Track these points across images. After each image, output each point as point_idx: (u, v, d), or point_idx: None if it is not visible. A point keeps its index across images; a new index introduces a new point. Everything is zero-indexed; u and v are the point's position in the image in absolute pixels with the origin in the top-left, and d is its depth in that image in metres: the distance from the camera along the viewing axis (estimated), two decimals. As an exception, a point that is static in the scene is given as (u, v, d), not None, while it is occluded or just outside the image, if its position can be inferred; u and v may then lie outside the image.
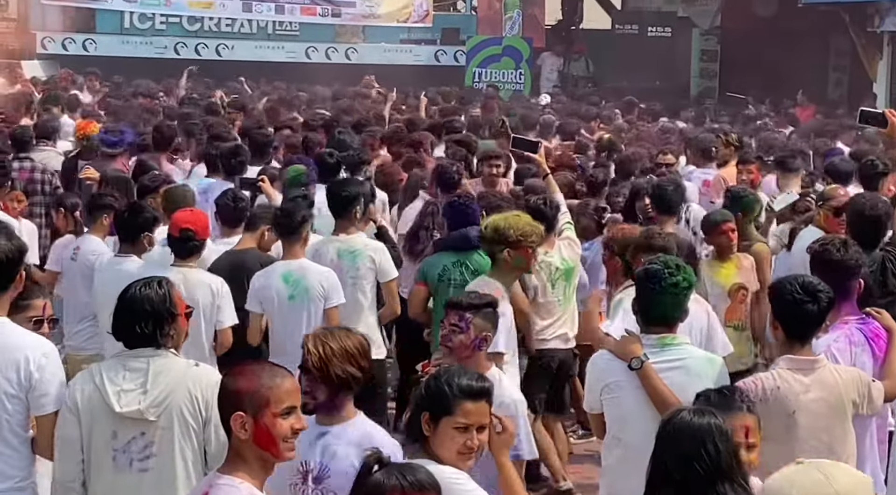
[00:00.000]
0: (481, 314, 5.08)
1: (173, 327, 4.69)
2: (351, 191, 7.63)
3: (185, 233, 6.68)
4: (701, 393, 4.37)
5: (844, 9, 20.92)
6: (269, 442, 3.68)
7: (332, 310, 7.02)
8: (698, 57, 26.03)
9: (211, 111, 13.96)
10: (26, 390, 4.64)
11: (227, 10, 23.70)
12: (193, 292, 6.53)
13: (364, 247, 7.47)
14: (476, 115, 15.71)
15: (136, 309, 4.64)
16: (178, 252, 6.74)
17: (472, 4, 26.04)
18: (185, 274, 6.60)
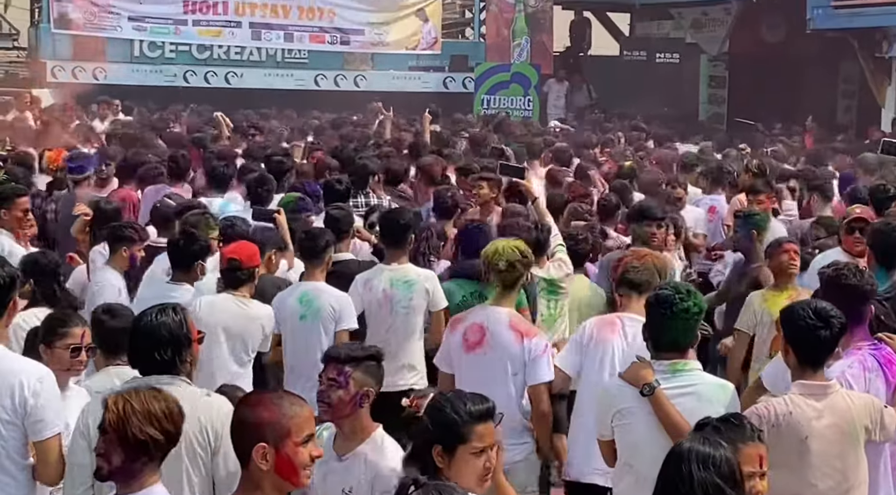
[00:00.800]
0: (362, 367, 4.62)
1: (190, 353, 4.70)
2: (406, 219, 7.56)
3: (232, 264, 6.79)
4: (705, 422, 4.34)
5: (853, 35, 20.93)
6: (291, 472, 3.66)
7: (343, 333, 7.04)
8: (707, 83, 26.08)
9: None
10: (22, 416, 4.63)
11: (236, 38, 23.79)
12: (245, 325, 6.77)
13: (417, 276, 7.38)
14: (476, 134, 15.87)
15: (155, 335, 4.63)
16: (227, 282, 6.85)
17: (480, 32, 26.10)
18: (238, 303, 6.77)
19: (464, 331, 6.24)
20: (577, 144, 15.71)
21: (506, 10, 25.57)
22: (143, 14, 22.98)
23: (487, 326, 6.14)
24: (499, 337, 6.13)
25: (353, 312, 7.09)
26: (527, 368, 6.07)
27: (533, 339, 6.13)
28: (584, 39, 27.71)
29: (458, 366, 6.25)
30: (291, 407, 3.71)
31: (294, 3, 24.10)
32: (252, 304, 6.87)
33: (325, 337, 7.03)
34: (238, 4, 23.63)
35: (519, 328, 6.17)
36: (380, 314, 7.27)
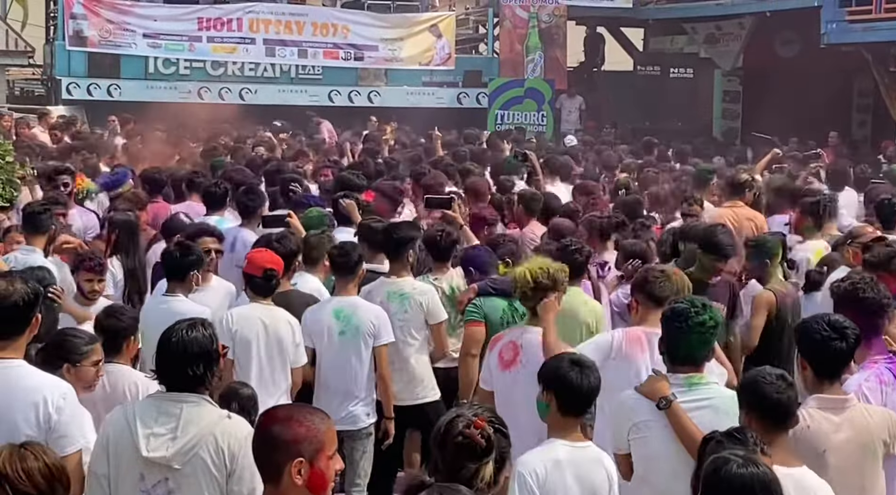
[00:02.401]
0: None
1: (217, 369, 4.74)
2: (405, 234, 7.68)
3: (268, 274, 6.92)
4: (710, 436, 4.33)
5: (867, 49, 20.90)
6: (322, 486, 3.69)
7: (382, 348, 7.16)
8: (720, 98, 26.09)
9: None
10: (45, 432, 4.62)
11: (250, 54, 23.85)
12: (279, 328, 6.84)
13: (412, 290, 7.49)
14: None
15: (188, 351, 4.62)
16: (259, 291, 6.94)
17: (494, 47, 26.13)
18: (269, 310, 6.89)
19: (500, 350, 6.30)
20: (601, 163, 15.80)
21: (519, 25, 25.60)
22: (157, 31, 23.08)
23: (521, 345, 6.17)
24: (531, 355, 6.12)
25: (390, 326, 7.16)
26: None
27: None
28: (597, 54, 27.74)
29: (495, 383, 6.28)
30: (323, 422, 3.73)
31: (308, 19, 24.19)
32: (280, 311, 6.99)
33: (364, 352, 7.14)
34: (252, 21, 23.71)
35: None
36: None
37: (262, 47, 23.87)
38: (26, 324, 4.80)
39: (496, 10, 25.88)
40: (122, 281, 8.38)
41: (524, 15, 25.58)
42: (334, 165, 13.31)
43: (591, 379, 4.91)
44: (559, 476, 4.78)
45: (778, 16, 22.54)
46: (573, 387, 4.88)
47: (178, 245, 7.48)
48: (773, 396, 4.57)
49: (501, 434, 3.97)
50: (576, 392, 4.88)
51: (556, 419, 4.91)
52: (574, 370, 4.92)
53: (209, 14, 23.63)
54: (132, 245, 8.56)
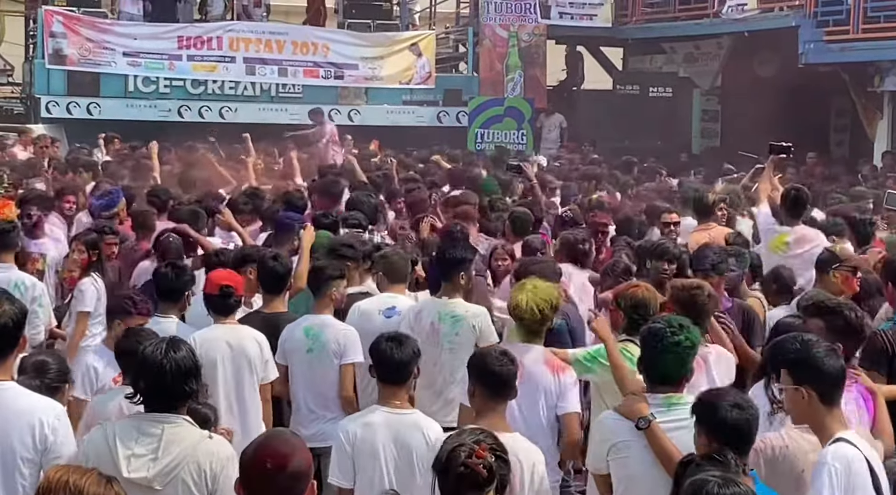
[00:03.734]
0: None
1: (199, 392, 4.83)
2: (458, 255, 7.63)
3: (225, 291, 6.91)
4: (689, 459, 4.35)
5: (845, 69, 21.03)
6: None
7: (348, 366, 7.14)
8: (699, 117, 26.23)
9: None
10: (41, 453, 4.65)
11: (230, 73, 23.81)
12: (244, 346, 6.86)
13: (465, 312, 7.42)
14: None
15: (182, 369, 4.66)
16: (219, 309, 6.94)
17: (474, 66, 26.18)
18: (233, 330, 6.90)
19: None
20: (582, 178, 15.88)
21: (499, 44, 25.67)
22: (137, 49, 23.00)
23: (523, 362, 6.18)
24: (533, 371, 6.26)
25: (359, 346, 7.08)
26: (559, 400, 6.24)
27: (565, 374, 6.31)
28: (577, 73, 27.81)
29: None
30: (305, 445, 4.00)
31: (288, 38, 24.17)
32: (244, 329, 7.02)
33: (331, 370, 7.14)
34: (232, 40, 23.68)
35: (552, 364, 6.37)
36: (427, 348, 7.04)
37: (243, 66, 23.84)
38: (14, 345, 4.81)
39: (476, 30, 25.94)
40: (102, 298, 8.39)
41: (504, 34, 25.65)
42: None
43: (403, 352, 5.59)
44: (371, 435, 5.48)
45: (756, 36, 22.66)
46: (386, 359, 5.57)
47: (172, 266, 7.49)
48: (495, 368, 5.24)
49: (502, 461, 4.05)
50: (388, 363, 5.57)
51: (380, 388, 5.65)
52: (388, 344, 5.61)
53: (189, 33, 23.59)
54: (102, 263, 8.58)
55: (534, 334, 6.45)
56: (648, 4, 26.02)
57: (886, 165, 19.08)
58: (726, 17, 22.87)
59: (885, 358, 6.51)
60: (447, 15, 29.47)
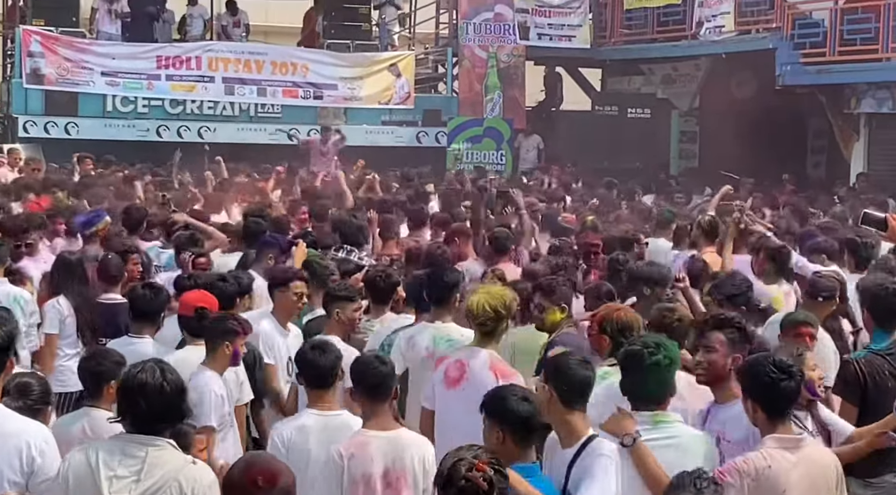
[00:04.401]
0: None
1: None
2: (451, 278, 7.58)
3: (200, 312, 6.89)
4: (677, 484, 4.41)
5: (821, 90, 21.17)
6: None
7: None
8: (678, 138, 26.34)
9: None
10: (28, 475, 4.67)
11: (209, 92, 23.78)
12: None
13: (460, 336, 7.28)
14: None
15: (173, 392, 4.66)
16: (194, 331, 6.90)
17: (453, 86, 26.23)
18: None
19: (445, 368, 6.43)
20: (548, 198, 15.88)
21: (478, 65, 25.74)
22: (116, 69, 22.95)
23: (468, 364, 6.29)
24: (478, 374, 6.30)
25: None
26: None
27: (509, 380, 6.21)
28: (556, 94, 27.89)
29: (439, 401, 6.44)
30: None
31: (267, 58, 24.16)
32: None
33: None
34: (211, 59, 23.66)
35: (497, 368, 6.40)
36: (423, 373, 7.02)
37: (222, 85, 23.81)
38: (2, 369, 4.80)
39: (455, 50, 26.01)
40: (69, 318, 8.36)
41: (483, 55, 25.73)
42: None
43: (327, 358, 5.94)
44: (303, 438, 5.81)
45: (733, 57, 22.79)
46: (312, 366, 5.93)
47: (148, 286, 7.47)
48: (368, 372, 5.67)
49: (501, 474, 4.22)
50: (314, 369, 5.93)
51: (309, 393, 6.01)
52: (313, 352, 5.98)
53: (168, 52, 23.56)
54: (74, 282, 8.52)
55: (488, 337, 6.54)
56: (627, 26, 26.13)
57: (861, 187, 19.19)
58: (704, 39, 22.98)
59: (857, 388, 6.52)
60: (426, 35, 29.54)
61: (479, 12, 25.67)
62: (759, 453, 4.99)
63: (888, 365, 6.55)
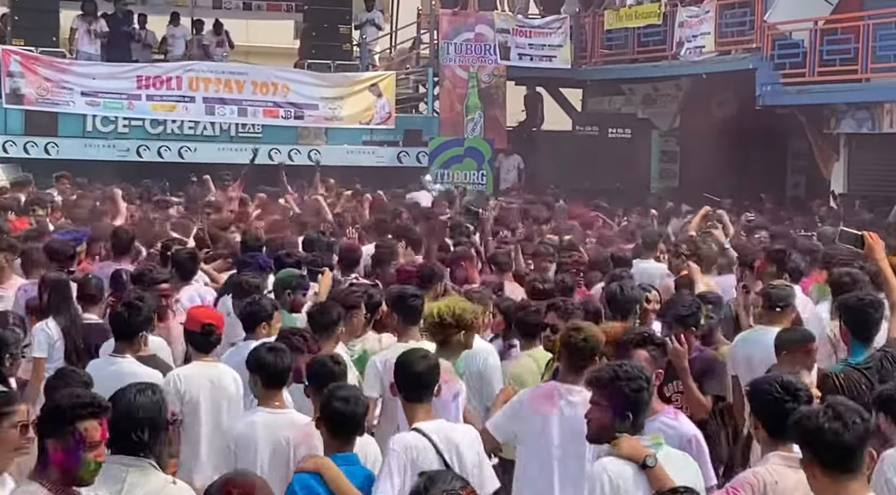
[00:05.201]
0: None
1: (165, 436, 4.87)
2: (417, 298, 7.64)
3: (207, 329, 7.01)
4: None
5: (801, 111, 21.28)
6: None
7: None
8: (658, 158, 26.41)
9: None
10: None
11: (190, 112, 23.75)
12: (224, 384, 6.95)
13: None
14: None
15: (133, 416, 4.68)
16: (200, 347, 7.04)
17: (434, 106, 26.25)
18: (214, 367, 7.01)
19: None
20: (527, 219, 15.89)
21: (459, 85, 25.80)
22: (96, 89, 22.91)
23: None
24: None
25: (372, 382, 7.19)
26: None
27: (447, 385, 6.39)
28: (536, 114, 27.96)
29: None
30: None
31: (248, 78, 24.15)
32: (223, 366, 7.08)
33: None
34: (192, 79, 23.64)
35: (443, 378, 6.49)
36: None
37: (202, 105, 23.79)
38: None
39: (436, 70, 26.05)
40: (59, 341, 8.29)
41: (464, 75, 25.79)
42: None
43: (283, 361, 6.25)
44: (252, 432, 6.09)
45: (714, 78, 22.89)
46: (268, 367, 6.22)
47: (127, 305, 7.42)
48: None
49: None
50: (270, 370, 6.21)
51: (262, 393, 6.24)
52: (269, 354, 6.27)
53: (148, 72, 23.55)
54: (64, 304, 8.46)
55: (442, 346, 6.84)
56: (607, 46, 26.23)
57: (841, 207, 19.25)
58: (684, 60, 23.08)
59: None
60: (407, 55, 29.57)
61: (459, 32, 25.75)
62: (767, 469, 5.01)
63: (865, 379, 6.52)
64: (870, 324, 6.87)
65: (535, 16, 26.79)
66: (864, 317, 6.87)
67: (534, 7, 27.13)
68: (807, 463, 4.42)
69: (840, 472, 4.32)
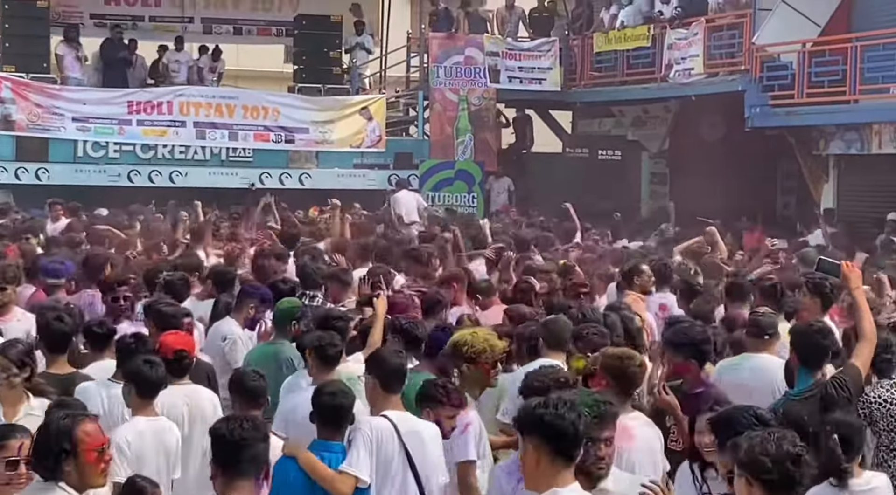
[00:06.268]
0: None
1: (74, 463, 4.88)
2: (420, 330, 7.87)
3: (179, 355, 7.20)
4: None
5: (790, 132, 21.34)
6: None
7: None
8: (648, 179, 26.45)
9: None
10: None
11: (180, 137, 23.76)
12: (202, 406, 7.17)
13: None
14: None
15: (40, 438, 4.97)
16: (174, 372, 7.12)
17: (424, 129, 26.30)
18: (191, 390, 7.25)
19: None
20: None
21: (449, 108, 25.86)
22: (86, 115, 22.93)
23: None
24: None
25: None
26: (449, 450, 6.43)
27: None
28: (526, 136, 28.00)
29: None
30: None
31: (238, 102, 24.18)
32: (201, 389, 7.35)
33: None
34: (182, 104, 23.66)
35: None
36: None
37: (193, 130, 23.80)
38: None
39: (426, 93, 26.12)
40: None
41: (454, 98, 25.85)
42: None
43: (159, 372, 6.63)
44: (140, 438, 6.47)
45: (703, 100, 22.93)
46: (143, 377, 6.61)
47: (133, 336, 7.59)
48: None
49: None
50: (147, 380, 6.61)
51: (136, 401, 6.61)
52: (145, 365, 6.62)
53: (139, 97, 23.57)
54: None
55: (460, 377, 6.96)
56: (597, 69, 26.29)
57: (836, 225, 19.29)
58: (673, 82, 23.14)
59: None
60: (397, 79, 29.65)
61: (449, 56, 25.82)
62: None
63: (806, 411, 6.48)
64: (819, 351, 6.89)
65: (524, 39, 26.83)
66: (813, 342, 6.90)
67: (523, 30, 27.16)
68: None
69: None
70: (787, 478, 4.46)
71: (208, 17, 27.38)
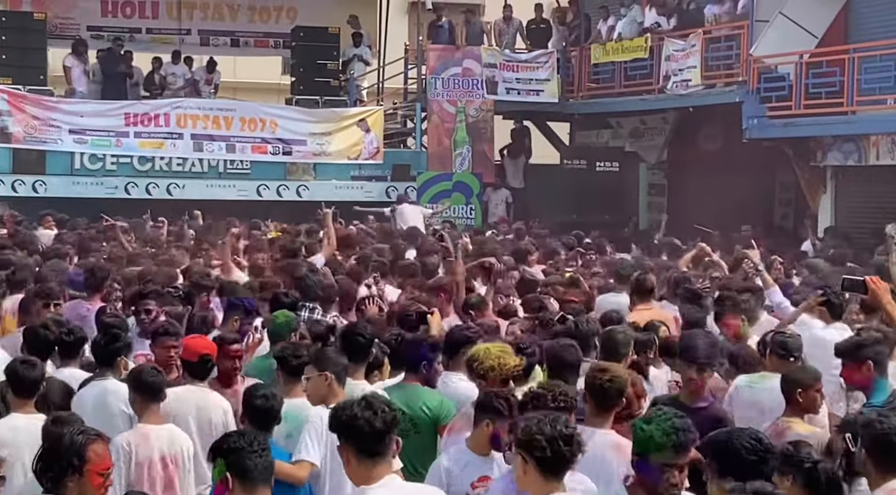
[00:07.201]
0: None
1: (73, 480, 4.86)
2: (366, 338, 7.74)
3: (203, 358, 7.45)
4: None
5: (788, 144, 21.33)
6: None
7: None
8: (646, 191, 26.44)
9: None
10: None
11: (178, 149, 23.75)
12: (210, 412, 7.31)
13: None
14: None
15: (48, 449, 5.00)
16: (196, 374, 7.45)
17: (422, 141, 26.28)
18: (204, 393, 7.41)
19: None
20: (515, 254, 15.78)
21: (447, 119, 25.85)
22: (84, 127, 22.93)
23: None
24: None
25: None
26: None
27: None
28: (524, 148, 27.98)
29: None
30: None
31: (236, 114, 24.18)
32: (214, 395, 7.45)
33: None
34: (180, 116, 23.66)
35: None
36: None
37: (190, 142, 23.79)
38: None
39: (424, 105, 26.10)
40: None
41: (452, 109, 25.84)
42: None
43: (35, 372, 6.82)
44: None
45: (700, 111, 22.95)
46: (19, 377, 6.81)
47: (105, 332, 7.80)
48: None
49: None
50: (22, 382, 6.80)
51: (17, 401, 6.75)
52: (22, 366, 6.84)
53: (136, 109, 23.57)
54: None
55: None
56: (594, 80, 26.30)
57: (828, 242, 19.26)
58: (671, 93, 23.15)
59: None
60: (395, 90, 29.66)
61: (447, 67, 25.82)
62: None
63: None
64: (884, 357, 7.05)
65: (521, 50, 26.83)
66: (881, 349, 7.08)
67: (521, 42, 27.16)
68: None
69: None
70: (559, 456, 4.83)
71: (205, 29, 27.43)
